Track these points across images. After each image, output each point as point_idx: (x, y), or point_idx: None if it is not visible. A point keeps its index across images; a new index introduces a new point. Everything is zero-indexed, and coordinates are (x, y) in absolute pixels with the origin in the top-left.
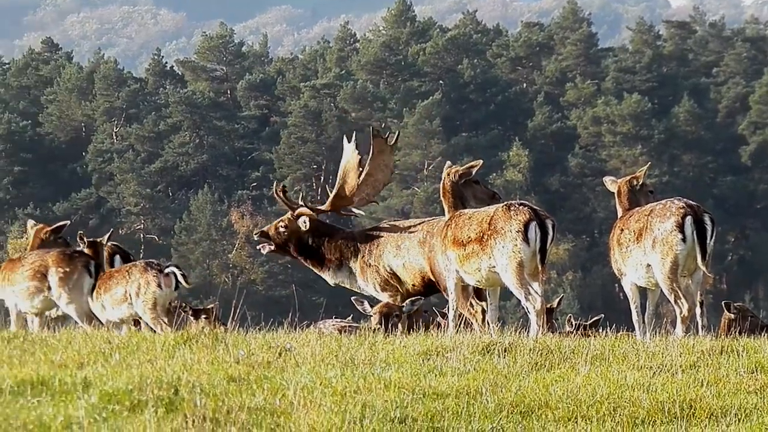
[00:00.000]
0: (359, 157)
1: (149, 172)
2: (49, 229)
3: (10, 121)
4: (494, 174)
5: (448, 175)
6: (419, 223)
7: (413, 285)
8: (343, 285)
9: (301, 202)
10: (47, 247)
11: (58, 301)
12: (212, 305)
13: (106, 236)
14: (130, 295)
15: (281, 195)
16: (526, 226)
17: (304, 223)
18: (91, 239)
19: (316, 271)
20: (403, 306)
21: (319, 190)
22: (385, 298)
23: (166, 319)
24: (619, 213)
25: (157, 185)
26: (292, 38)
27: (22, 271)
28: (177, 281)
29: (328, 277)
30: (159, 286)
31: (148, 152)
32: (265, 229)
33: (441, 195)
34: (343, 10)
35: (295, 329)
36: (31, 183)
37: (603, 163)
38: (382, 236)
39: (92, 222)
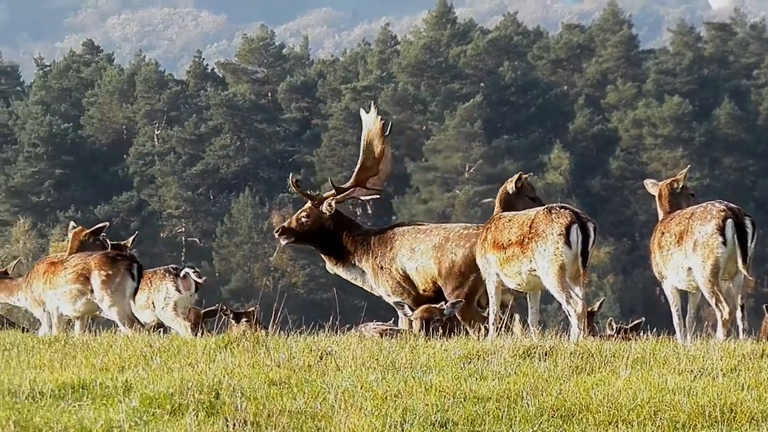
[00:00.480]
0: (382, 122)
1: (190, 175)
2: (88, 231)
3: (52, 124)
4: (535, 177)
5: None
6: (436, 228)
7: (424, 290)
8: (356, 282)
9: (325, 187)
10: (87, 250)
11: (100, 303)
12: (253, 308)
13: (131, 239)
14: (153, 301)
15: (296, 187)
16: (568, 229)
17: (330, 206)
18: (114, 242)
19: (330, 265)
20: (443, 309)
21: None
22: (393, 301)
23: (187, 322)
24: (660, 216)
25: (198, 188)
26: (333, 40)
27: (65, 274)
28: (196, 282)
29: (342, 272)
30: (177, 290)
31: (189, 155)
32: (285, 225)
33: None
34: (384, 12)
35: (336, 332)
36: (72, 186)
37: (644, 166)
38: (397, 239)
39: (133, 225)
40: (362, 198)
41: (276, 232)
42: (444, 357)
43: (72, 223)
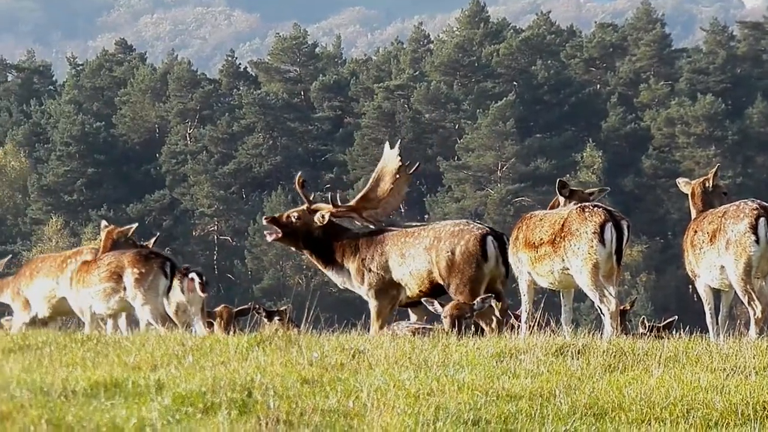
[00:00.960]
0: (400, 164)
1: (223, 174)
2: (121, 230)
3: (84, 123)
4: (568, 175)
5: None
6: (423, 230)
7: (420, 291)
8: (344, 286)
9: (317, 198)
10: (119, 249)
11: (132, 302)
12: (286, 307)
13: (153, 240)
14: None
15: (301, 187)
16: (602, 227)
17: (322, 217)
18: (138, 243)
19: (320, 267)
20: (473, 305)
21: None
22: (372, 304)
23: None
24: (693, 215)
25: (230, 187)
26: (366, 39)
27: (98, 272)
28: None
29: (332, 276)
30: (181, 290)
31: (222, 154)
32: (276, 215)
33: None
34: (417, 11)
35: (369, 331)
36: (104, 184)
37: (676, 165)
38: (387, 244)
39: (166, 223)
40: (356, 222)
41: (265, 218)
42: (477, 355)
43: (103, 222)
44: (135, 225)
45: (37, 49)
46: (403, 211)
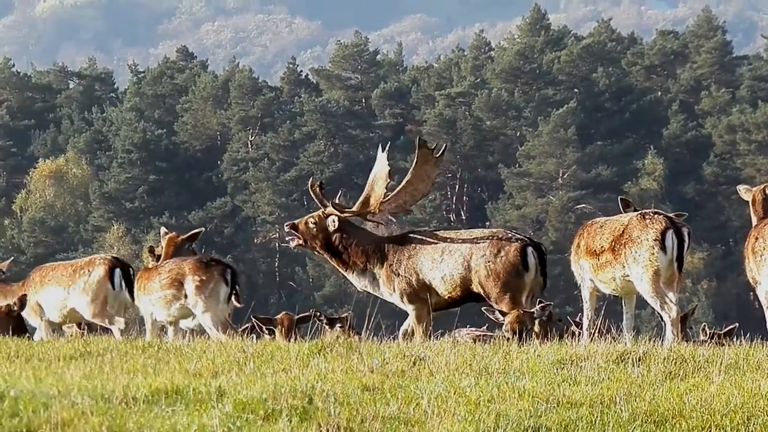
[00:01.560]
0: (389, 168)
1: (284, 181)
2: (184, 237)
3: (146, 130)
4: (629, 182)
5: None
6: (455, 235)
7: (450, 296)
8: (366, 290)
9: (328, 202)
10: (180, 256)
11: (193, 309)
12: (347, 314)
13: (191, 234)
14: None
15: (316, 191)
16: (664, 234)
17: (333, 222)
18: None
19: (341, 271)
20: (533, 312)
21: (454, 198)
22: (410, 309)
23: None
24: (754, 221)
25: (291, 194)
26: (427, 47)
27: (159, 279)
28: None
29: (353, 279)
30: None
31: (283, 161)
32: (296, 222)
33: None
34: (478, 18)
35: (430, 338)
36: (166, 192)
37: (738, 172)
38: (416, 248)
39: (227, 231)
40: (383, 218)
41: (286, 226)
42: (537, 362)
43: (163, 229)
44: (202, 230)
45: (98, 56)
46: (464, 217)
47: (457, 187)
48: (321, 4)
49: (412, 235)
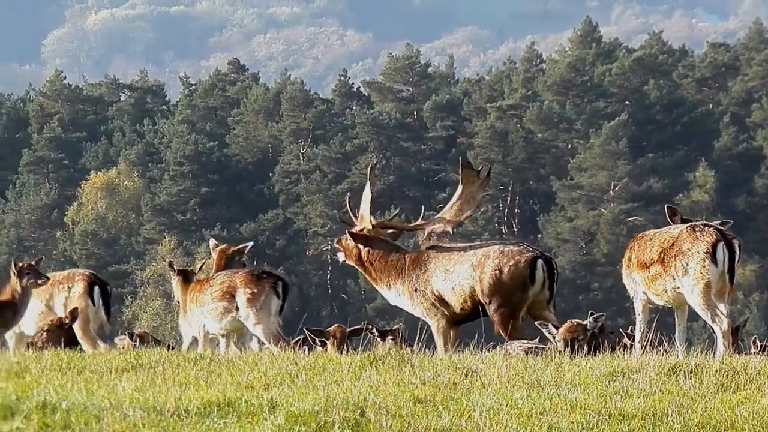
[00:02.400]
0: (371, 193)
1: (336, 193)
2: (234, 249)
3: (197, 142)
4: (680, 195)
5: None
6: (470, 247)
7: (462, 308)
8: (396, 304)
9: (356, 219)
10: (231, 268)
11: (245, 321)
12: (398, 326)
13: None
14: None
15: (347, 206)
16: (715, 246)
17: (346, 239)
18: (181, 268)
19: (372, 285)
20: (586, 325)
21: (506, 211)
22: (430, 323)
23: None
24: None
25: (343, 206)
26: (479, 59)
27: (211, 291)
28: None
29: (384, 294)
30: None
31: (335, 173)
32: (341, 237)
33: None
34: (529, 30)
35: (482, 350)
36: (217, 204)
37: None
38: (431, 261)
39: (279, 243)
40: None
41: (336, 243)
42: (589, 374)
43: (213, 241)
44: (250, 244)
45: (149, 68)
46: (516, 229)
47: (508, 199)
48: (373, 17)
49: (430, 249)
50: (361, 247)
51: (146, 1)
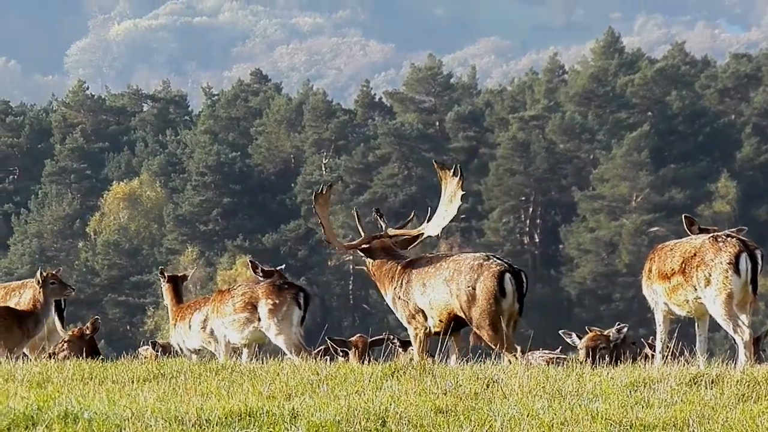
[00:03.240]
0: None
1: (358, 204)
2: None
3: (220, 153)
4: (702, 205)
5: None
6: (445, 260)
7: (440, 321)
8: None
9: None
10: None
11: (267, 332)
12: None
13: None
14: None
15: (376, 215)
16: (737, 257)
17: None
18: (172, 274)
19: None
20: (609, 335)
21: (527, 221)
22: (410, 330)
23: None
24: None
25: (365, 217)
26: (501, 70)
27: (233, 302)
28: None
29: (387, 300)
30: None
31: (357, 184)
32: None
33: None
34: (552, 41)
35: (502, 360)
36: (240, 214)
37: None
38: (413, 273)
39: (301, 253)
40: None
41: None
42: (610, 385)
43: (249, 258)
44: (282, 267)
45: (172, 79)
46: (537, 240)
47: (530, 209)
48: (395, 27)
49: (416, 259)
50: (368, 259)
51: (169, 11)
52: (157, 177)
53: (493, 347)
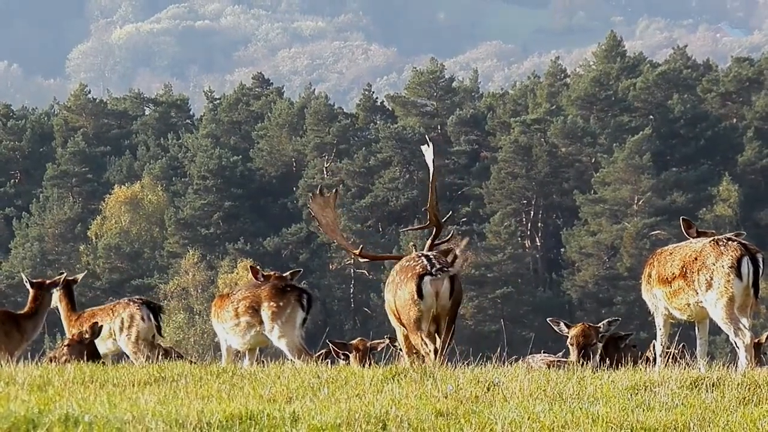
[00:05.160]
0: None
1: (359, 207)
2: (285, 275)
3: (221, 156)
4: (704, 209)
5: None
6: (396, 262)
7: (398, 323)
8: None
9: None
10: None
11: (269, 335)
12: None
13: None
14: (114, 330)
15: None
16: (739, 261)
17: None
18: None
19: None
20: (599, 327)
21: (529, 225)
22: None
23: (147, 353)
24: None
25: (367, 220)
26: (503, 73)
27: (233, 307)
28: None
29: None
30: (142, 318)
31: (359, 187)
32: None
33: None
34: (554, 45)
35: (504, 364)
36: (241, 218)
37: None
38: (390, 277)
39: (302, 257)
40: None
41: None
42: (611, 388)
43: (250, 264)
44: (301, 270)
45: (174, 83)
46: (539, 243)
47: (532, 213)
48: (397, 31)
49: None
50: None
51: (171, 15)
52: (158, 181)
53: (408, 349)
